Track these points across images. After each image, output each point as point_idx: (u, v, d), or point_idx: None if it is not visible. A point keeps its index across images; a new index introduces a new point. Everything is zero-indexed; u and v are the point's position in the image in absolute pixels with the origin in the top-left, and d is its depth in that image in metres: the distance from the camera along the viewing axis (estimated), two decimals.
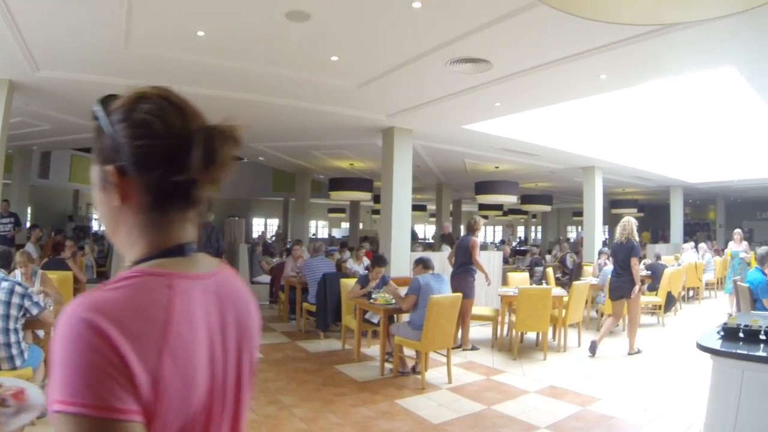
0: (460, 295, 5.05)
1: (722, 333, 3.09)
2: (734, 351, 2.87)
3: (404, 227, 7.68)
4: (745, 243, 9.52)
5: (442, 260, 6.97)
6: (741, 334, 3.01)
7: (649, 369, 5.45)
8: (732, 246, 9.70)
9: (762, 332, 2.95)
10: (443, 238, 12.03)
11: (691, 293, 10.61)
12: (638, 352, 5.97)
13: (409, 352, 5.16)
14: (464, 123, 7.40)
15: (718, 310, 8.67)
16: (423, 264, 5.17)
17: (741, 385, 2.78)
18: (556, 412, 4.16)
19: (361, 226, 21.22)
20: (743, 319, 3.19)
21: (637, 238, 5.95)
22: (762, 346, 2.90)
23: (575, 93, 5.87)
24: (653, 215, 21.14)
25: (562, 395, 4.58)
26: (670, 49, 4.37)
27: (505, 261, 12.58)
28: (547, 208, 16.37)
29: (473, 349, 6.12)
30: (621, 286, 5.93)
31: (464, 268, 6.24)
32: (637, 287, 5.81)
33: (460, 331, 5.97)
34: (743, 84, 5.38)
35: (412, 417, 3.97)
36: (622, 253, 5.88)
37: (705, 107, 7.01)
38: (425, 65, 4.91)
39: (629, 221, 5.99)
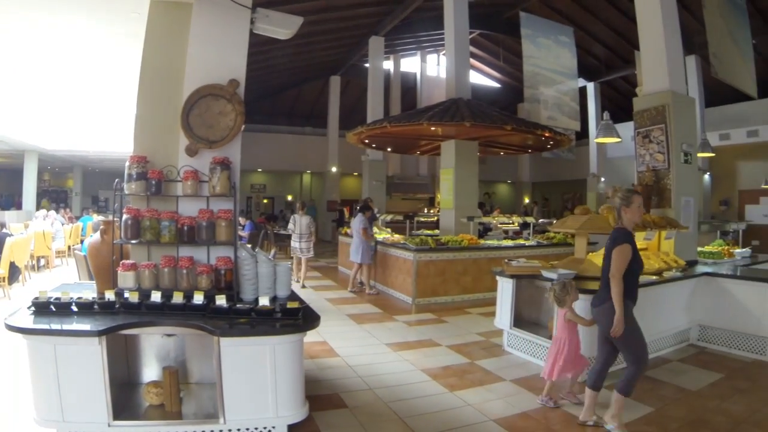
0: None
1: (34, 308, 2.95)
2: (42, 328, 2.79)
3: None
4: None
5: None
6: (53, 308, 2.96)
7: None
8: None
9: (73, 304, 3.01)
10: None
11: (42, 262, 10.24)
12: None
13: None
14: None
15: (69, 278, 8.55)
16: None
17: (56, 359, 2.73)
18: None
19: None
20: (57, 292, 3.16)
21: None
22: (75, 318, 2.94)
23: None
24: (9, 180, 20.67)
25: None
26: None
27: None
28: None
29: None
30: None
31: None
32: None
33: None
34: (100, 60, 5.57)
35: None
36: None
37: (62, 76, 6.84)
38: None
39: None
